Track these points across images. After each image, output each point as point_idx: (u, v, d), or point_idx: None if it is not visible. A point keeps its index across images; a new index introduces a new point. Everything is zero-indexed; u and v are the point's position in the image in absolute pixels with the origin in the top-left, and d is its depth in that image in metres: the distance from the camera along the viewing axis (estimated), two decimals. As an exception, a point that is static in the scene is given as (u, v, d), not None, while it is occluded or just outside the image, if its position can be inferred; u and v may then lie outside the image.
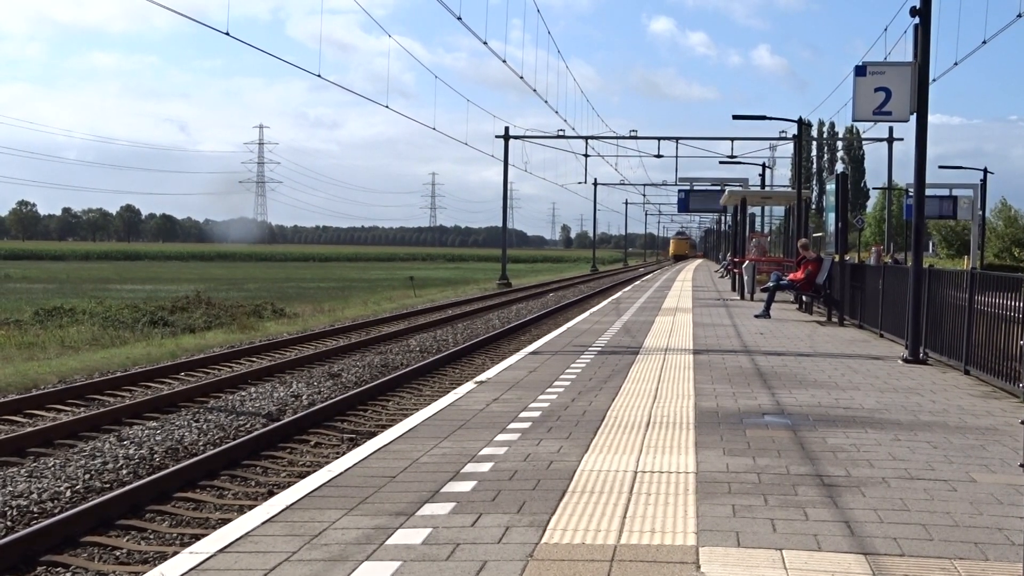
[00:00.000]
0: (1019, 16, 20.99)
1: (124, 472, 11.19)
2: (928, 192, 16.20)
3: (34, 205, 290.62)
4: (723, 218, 74.13)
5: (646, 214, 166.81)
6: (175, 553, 6.04)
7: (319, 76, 32.14)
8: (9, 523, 9.24)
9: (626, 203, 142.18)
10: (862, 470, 7.60)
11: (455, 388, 12.33)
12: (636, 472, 7.41)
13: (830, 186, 27.12)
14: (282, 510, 6.34)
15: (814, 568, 5.24)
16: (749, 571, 5.17)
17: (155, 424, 13.96)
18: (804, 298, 25.77)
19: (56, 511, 9.61)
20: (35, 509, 9.68)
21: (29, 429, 13.28)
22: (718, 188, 56.50)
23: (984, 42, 24.74)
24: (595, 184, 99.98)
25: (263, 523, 6.05)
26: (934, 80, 15.49)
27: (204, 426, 13.81)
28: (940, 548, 5.65)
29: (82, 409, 15.32)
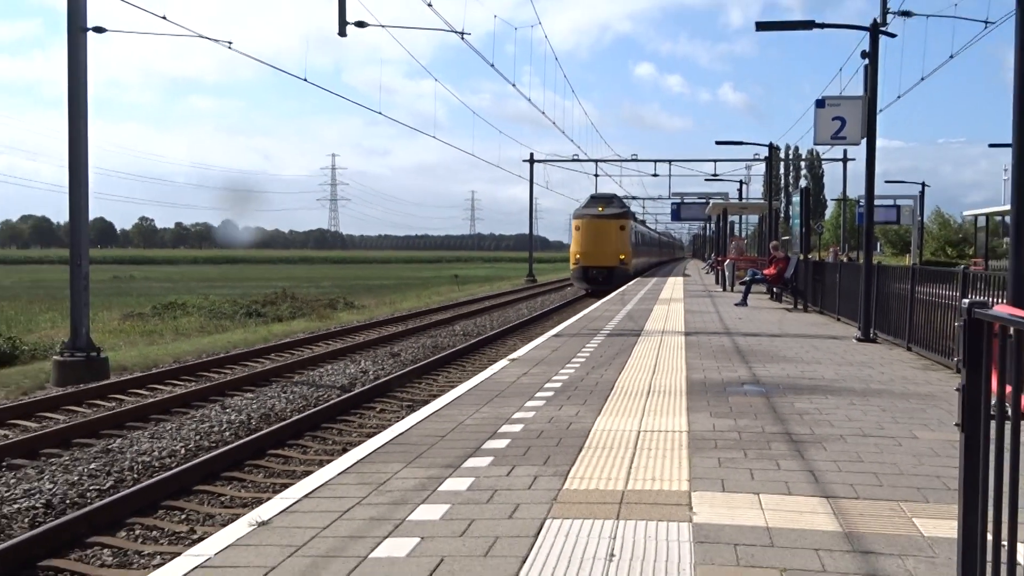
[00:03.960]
0: (951, 57, 20.88)
1: (227, 434, 11.27)
2: (876, 202, 16.11)
3: (152, 220, 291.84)
4: (708, 225, 73.83)
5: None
6: (269, 498, 6.08)
7: (379, 113, 32.21)
8: (136, 475, 9.33)
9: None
10: (824, 429, 7.57)
11: (492, 364, 12.34)
12: (639, 432, 7.40)
13: (795, 198, 26.95)
14: (354, 463, 6.37)
15: (785, 509, 5.22)
16: (732, 511, 5.16)
17: (251, 395, 14.05)
18: (775, 289, 25.66)
19: (173, 466, 9.70)
20: (156, 464, 9.77)
21: (151, 400, 13.40)
22: (704, 201, 56.38)
23: (922, 79, 24.59)
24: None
25: (339, 474, 6.08)
26: (881, 111, 15.41)
27: (291, 396, 13.89)
28: (889, 492, 5.62)
29: (193, 383, 15.45)
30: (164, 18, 16.67)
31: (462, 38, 19.70)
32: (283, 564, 4.35)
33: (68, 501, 8.37)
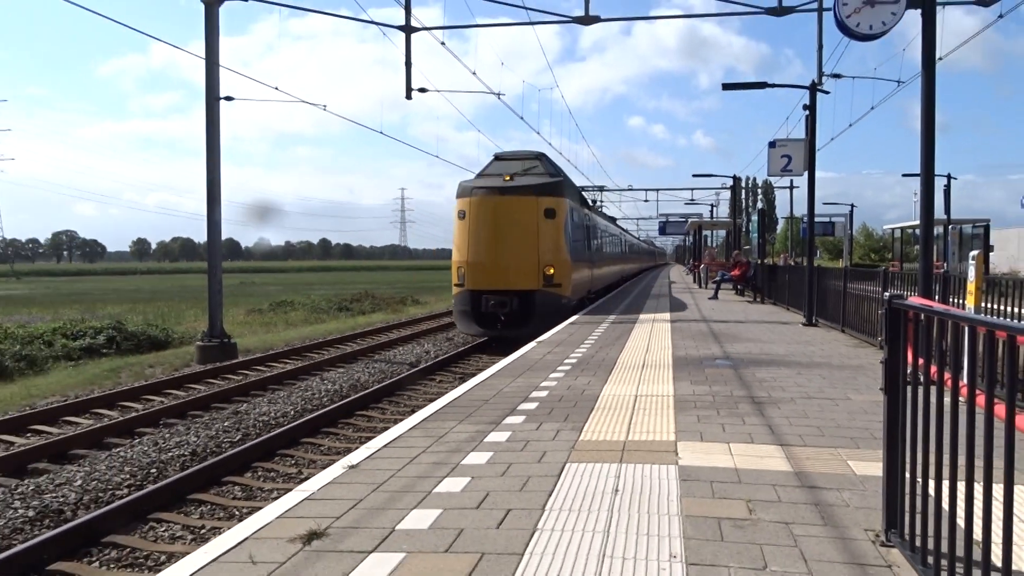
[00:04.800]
0: (872, 108, 20.65)
1: (325, 399, 11.35)
2: (816, 219, 15.98)
3: (267, 239, 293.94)
4: (686, 239, 73.34)
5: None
6: (357, 448, 6.11)
7: (437, 156, 32.38)
8: (258, 431, 9.42)
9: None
10: (778, 393, 7.49)
11: (523, 346, 12.32)
12: (636, 396, 7.37)
13: (754, 217, 26.82)
14: (420, 421, 6.39)
15: (749, 454, 5.18)
16: (709, 456, 5.12)
17: (342, 370, 14.13)
18: (739, 287, 25.44)
19: (285, 423, 9.78)
20: (273, 422, 9.85)
21: (268, 374, 13.53)
22: (684, 220, 56.15)
23: (850, 124, 24.36)
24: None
25: (409, 429, 6.10)
26: (819, 149, 15.28)
27: (372, 370, 13.95)
28: (829, 441, 5.55)
29: (299, 361, 15.57)
30: (276, 88, 16.83)
31: (499, 98, 19.69)
32: (368, 497, 4.38)
33: (208, 450, 8.47)
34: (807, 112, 15.15)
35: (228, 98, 16.81)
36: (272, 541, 3.72)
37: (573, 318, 16.79)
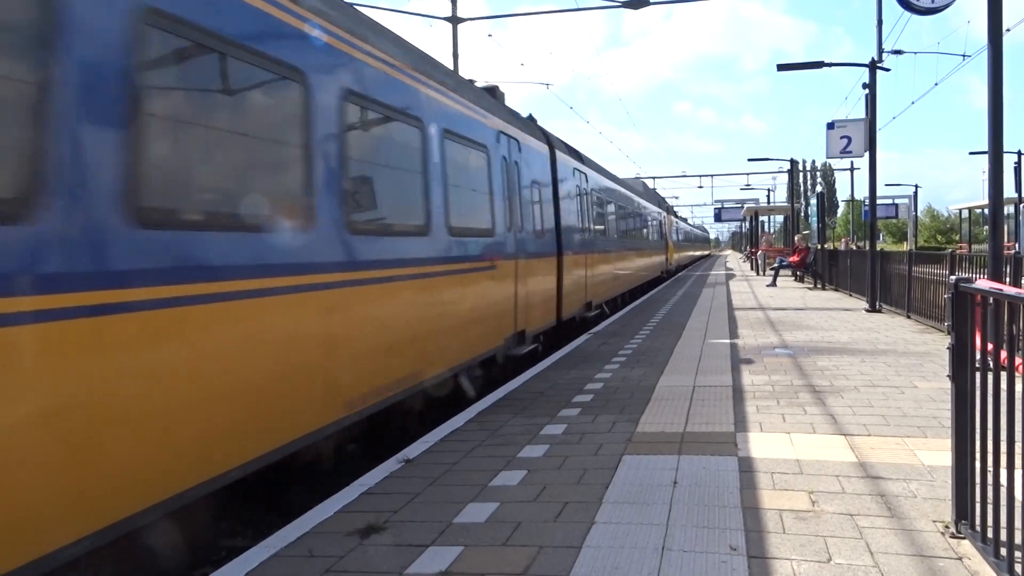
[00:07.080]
0: (935, 85, 20.04)
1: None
2: (878, 201, 15.63)
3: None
4: (743, 225, 72.17)
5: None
6: (413, 442, 6.18)
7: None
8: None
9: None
10: (841, 381, 7.35)
11: (577, 337, 12.29)
12: (694, 387, 7.30)
13: (813, 201, 26.35)
14: (476, 414, 6.45)
15: (811, 444, 5.10)
16: (769, 447, 5.06)
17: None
18: (798, 273, 24.96)
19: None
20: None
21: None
22: (739, 205, 55.34)
23: (912, 103, 23.77)
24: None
25: (465, 423, 6.16)
26: (880, 129, 14.92)
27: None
28: (894, 430, 5.43)
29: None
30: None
31: (547, 88, 19.66)
32: (425, 491, 4.44)
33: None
34: (867, 91, 14.79)
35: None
36: (330, 535, 3.80)
37: (627, 308, 16.64)
